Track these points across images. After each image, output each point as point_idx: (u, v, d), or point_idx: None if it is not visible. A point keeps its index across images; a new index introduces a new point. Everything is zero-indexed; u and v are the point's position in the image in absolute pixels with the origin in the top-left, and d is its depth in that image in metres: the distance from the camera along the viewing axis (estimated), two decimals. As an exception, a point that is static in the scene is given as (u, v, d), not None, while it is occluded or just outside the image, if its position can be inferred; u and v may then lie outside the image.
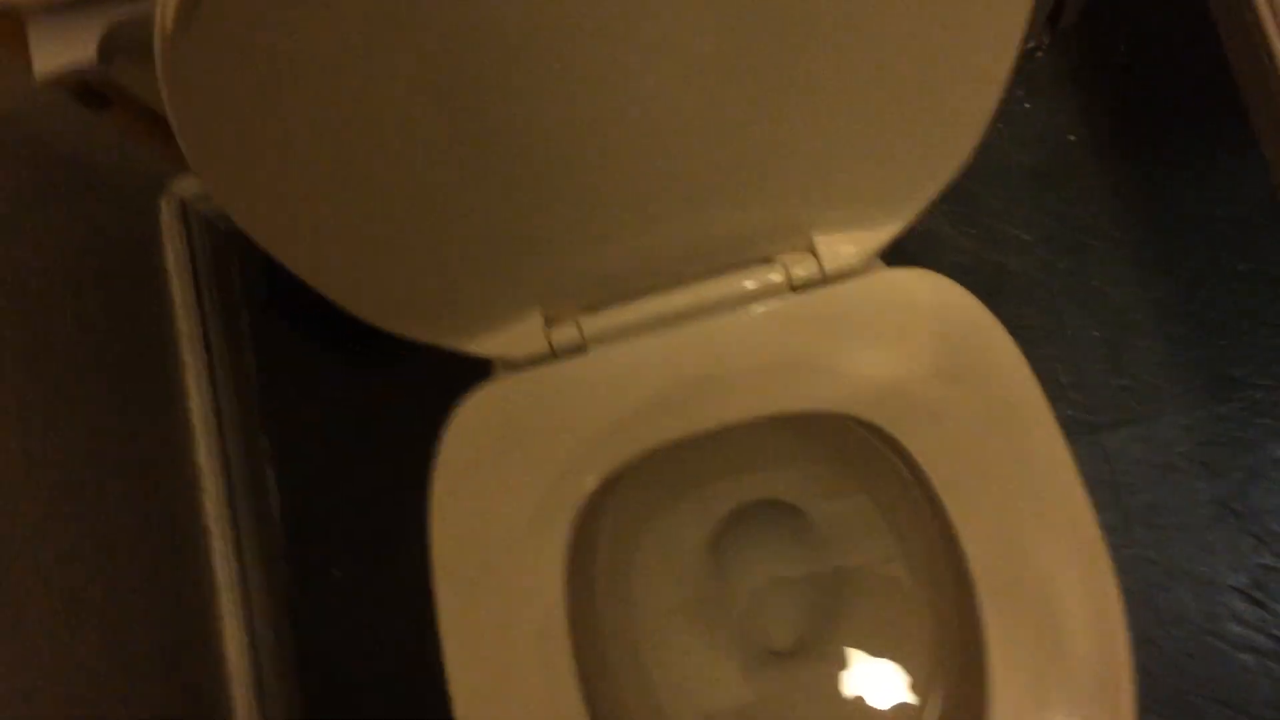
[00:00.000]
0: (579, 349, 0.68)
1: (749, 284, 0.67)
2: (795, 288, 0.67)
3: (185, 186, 1.05)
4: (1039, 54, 1.08)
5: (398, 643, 1.06)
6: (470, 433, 0.67)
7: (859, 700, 0.82)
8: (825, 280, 0.67)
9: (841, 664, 0.83)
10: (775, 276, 0.67)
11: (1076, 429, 1.01)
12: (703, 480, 0.85)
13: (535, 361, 0.68)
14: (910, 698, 0.80)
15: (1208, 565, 0.99)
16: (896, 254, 0.68)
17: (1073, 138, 1.07)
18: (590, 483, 0.67)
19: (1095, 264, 1.05)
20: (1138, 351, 1.03)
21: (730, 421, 0.68)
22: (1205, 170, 1.05)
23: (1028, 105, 1.08)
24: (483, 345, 0.68)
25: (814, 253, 0.66)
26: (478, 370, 0.70)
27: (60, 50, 0.62)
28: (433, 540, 0.67)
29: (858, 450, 0.80)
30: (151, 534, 0.88)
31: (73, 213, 0.87)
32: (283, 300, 1.09)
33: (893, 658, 0.82)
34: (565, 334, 0.67)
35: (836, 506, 0.84)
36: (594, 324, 0.67)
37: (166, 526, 0.91)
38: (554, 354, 0.68)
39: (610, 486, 0.80)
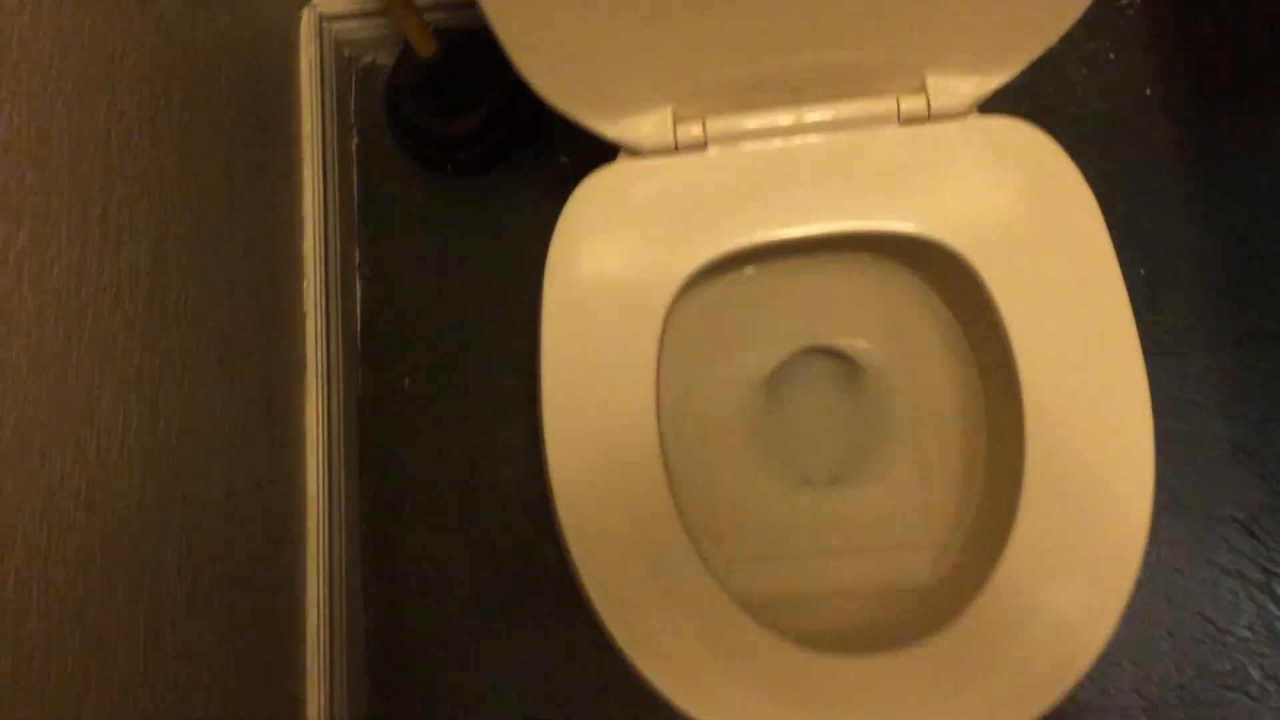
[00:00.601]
0: (699, 146, 0.76)
1: (861, 111, 0.75)
2: (903, 121, 0.75)
3: (326, 3, 1.13)
4: (1130, 11, 1.16)
5: (454, 453, 1.14)
6: (591, 201, 0.76)
7: (883, 527, 0.89)
8: (930, 118, 0.75)
9: (869, 497, 0.90)
10: (886, 107, 0.74)
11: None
12: (775, 316, 0.93)
13: (659, 152, 0.76)
14: (927, 537, 0.88)
15: (1212, 496, 1.06)
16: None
17: (1149, 92, 1.15)
18: (690, 266, 0.75)
19: (1149, 209, 1.12)
20: (1176, 294, 1.10)
21: (822, 231, 0.75)
22: (1262, 141, 1.12)
23: (1112, 56, 1.16)
24: (620, 130, 0.76)
25: (925, 92, 0.74)
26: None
27: None
28: (545, 288, 0.75)
29: (921, 300, 0.88)
30: (261, 297, 0.96)
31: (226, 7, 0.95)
32: (393, 127, 1.17)
33: (921, 497, 0.90)
34: (690, 131, 0.75)
35: (890, 360, 0.92)
36: (716, 125, 0.75)
37: (272, 297, 0.99)
38: (676, 147, 0.76)
39: (700, 287, 0.88)
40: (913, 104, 0.74)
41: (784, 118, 0.75)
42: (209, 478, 0.83)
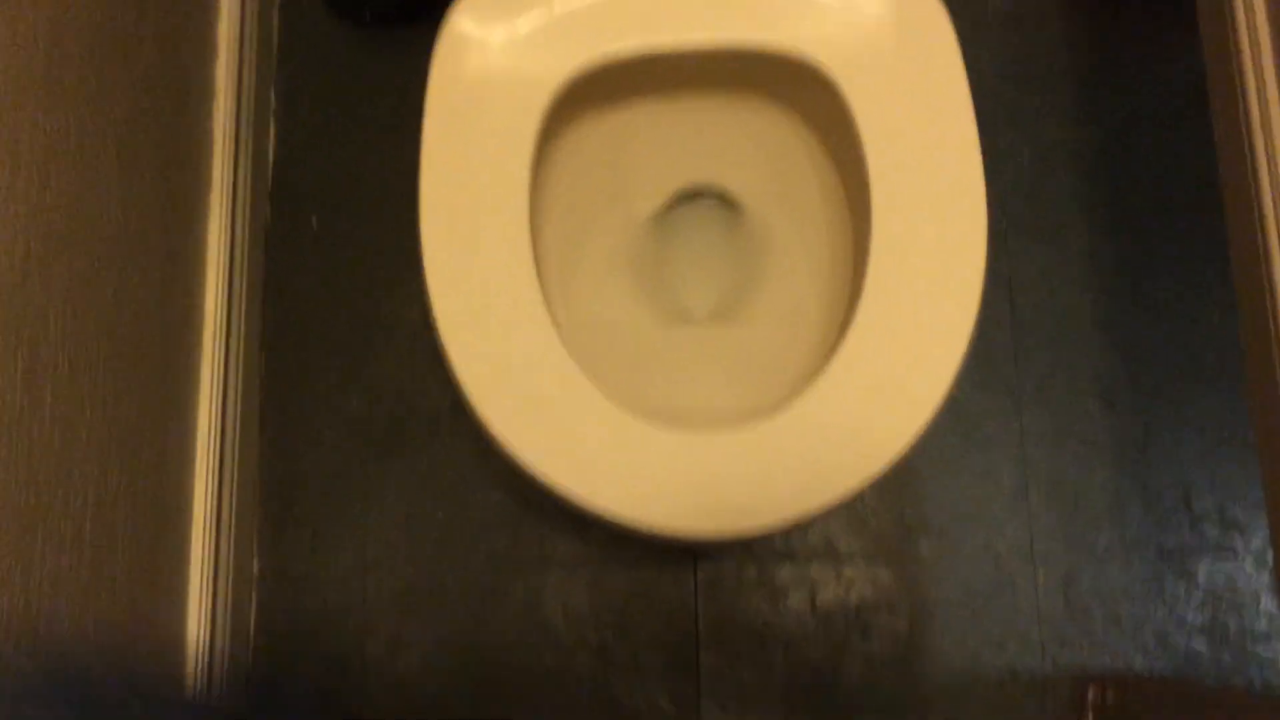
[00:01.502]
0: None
1: (741, -73, 0.79)
2: (779, -59, 0.79)
3: None
4: (1033, -89, 1.21)
5: (357, 292, 1.17)
6: (475, 6, 0.79)
7: (751, 362, 0.94)
8: (804, -62, 0.79)
9: (742, 335, 0.95)
10: (762, -76, 0.78)
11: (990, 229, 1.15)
12: (663, 156, 0.97)
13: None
14: (792, 372, 0.93)
15: (1076, 369, 1.13)
16: None
17: (1046, -12, 1.20)
18: (568, 67, 0.79)
19: (1038, 99, 1.18)
20: (1057, 179, 1.16)
21: (694, 45, 0.79)
22: (1149, 43, 1.18)
23: (1013, -46, 1.21)
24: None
25: (801, -87, 0.78)
26: None
27: None
28: (428, 89, 0.78)
29: (802, 144, 0.93)
30: (168, 102, 0.98)
31: None
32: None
33: (788, 335, 0.94)
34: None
35: (771, 203, 0.97)
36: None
37: (179, 108, 1.01)
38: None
39: (589, 121, 0.92)
40: (790, -76, 0.78)
41: (664, -72, 0.79)
42: (98, 266, 0.86)
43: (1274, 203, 0.72)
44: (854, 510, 1.11)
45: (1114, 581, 1.08)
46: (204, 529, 1.02)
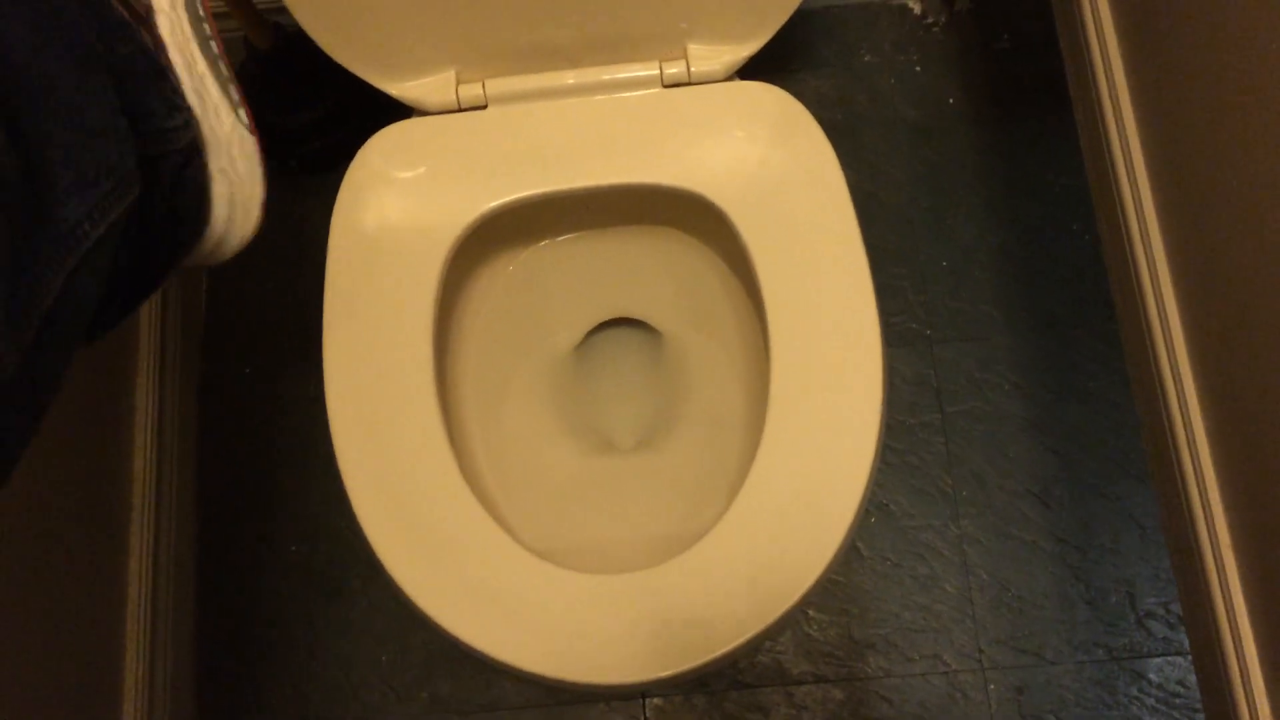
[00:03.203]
0: (480, 106, 0.82)
1: (628, 74, 0.81)
2: (666, 84, 0.82)
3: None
4: (935, 29, 1.26)
5: (290, 438, 1.17)
6: (377, 154, 0.81)
7: (673, 489, 0.94)
8: (691, 81, 0.81)
9: (664, 462, 0.95)
10: (651, 71, 0.81)
11: (915, 338, 1.16)
12: (579, 289, 0.98)
13: (443, 110, 0.82)
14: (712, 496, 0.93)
15: (1009, 471, 1.13)
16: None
17: (952, 101, 1.24)
18: (470, 215, 0.81)
19: (952, 207, 1.21)
20: (976, 283, 1.18)
21: (594, 185, 0.81)
22: (1053, 147, 1.22)
23: (918, 69, 1.25)
24: (404, 89, 0.82)
25: (685, 58, 0.81)
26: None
27: None
28: (331, 237, 0.80)
29: (709, 267, 0.94)
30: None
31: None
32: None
33: (709, 460, 0.94)
34: (471, 91, 0.82)
35: (686, 328, 0.98)
36: (495, 86, 0.82)
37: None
38: (460, 107, 0.82)
39: (502, 261, 0.93)
40: (675, 69, 0.81)
41: (558, 80, 0.82)
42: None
43: (1157, 306, 0.73)
44: (801, 629, 1.10)
45: (1066, 687, 1.06)
46: (138, 693, 1.00)
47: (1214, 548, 0.71)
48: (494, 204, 0.81)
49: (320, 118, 1.16)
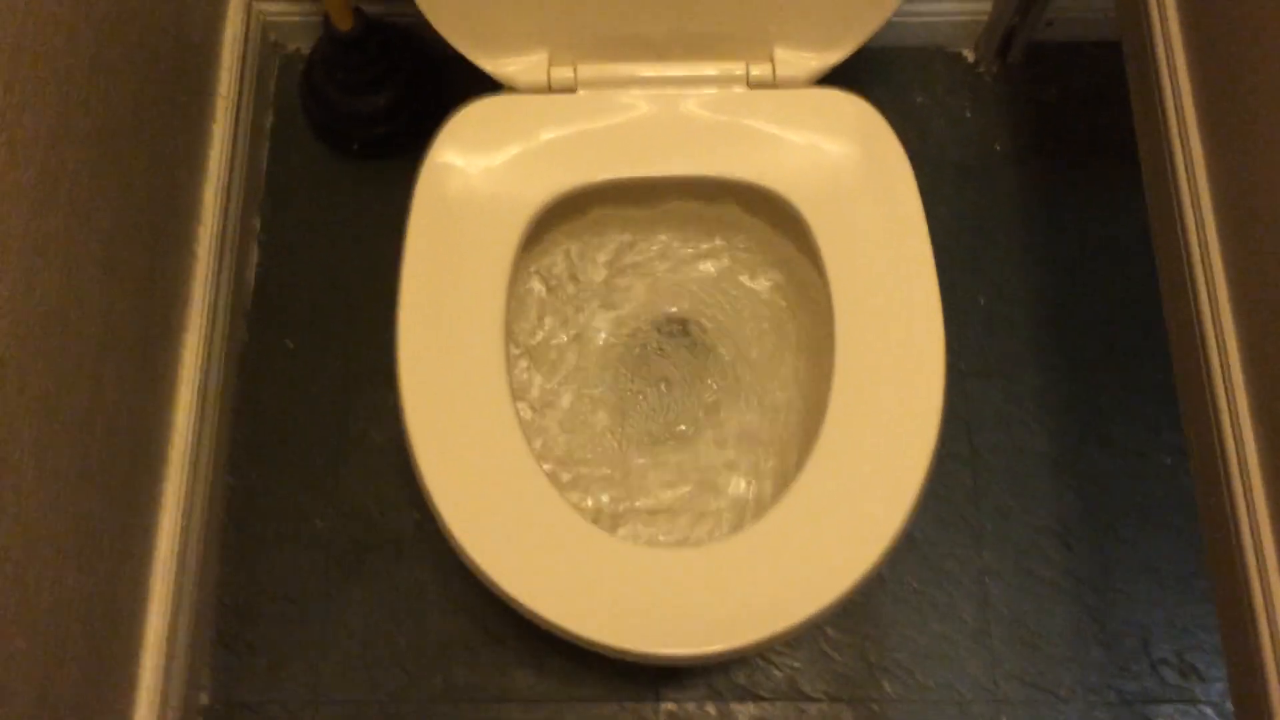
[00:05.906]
0: (570, 89, 0.84)
1: (715, 71, 0.84)
2: (751, 85, 0.85)
3: (258, -17, 1.21)
4: (987, 77, 1.30)
5: (327, 414, 1.18)
6: (466, 125, 0.83)
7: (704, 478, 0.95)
8: (775, 84, 0.84)
9: (703, 453, 0.97)
10: (737, 70, 0.84)
11: (947, 370, 1.18)
12: (642, 283, 1.00)
13: (533, 90, 0.84)
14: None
15: (1031, 507, 1.15)
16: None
17: (998, 147, 1.28)
18: (551, 191, 0.83)
19: (991, 247, 1.24)
20: (1010, 322, 1.21)
21: (674, 175, 0.84)
22: (1094, 196, 1.25)
23: (968, 114, 1.29)
24: (499, 65, 0.84)
25: (772, 61, 0.84)
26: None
27: None
28: (414, 200, 0.81)
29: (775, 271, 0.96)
30: (155, 220, 1.01)
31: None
32: (303, 99, 1.24)
33: (755, 461, 0.96)
34: (562, 73, 0.84)
35: (735, 325, 1.00)
36: (586, 71, 0.84)
37: (167, 228, 1.04)
38: (550, 88, 0.84)
39: (555, 224, 0.95)
40: (760, 70, 0.84)
41: (647, 70, 0.84)
42: (74, 374, 0.86)
43: (1219, 355, 0.75)
44: (817, 646, 1.11)
45: (1077, 726, 1.07)
46: (157, 650, 0.99)
47: (1263, 582, 0.72)
48: (576, 184, 0.83)
49: (388, 104, 1.18)
